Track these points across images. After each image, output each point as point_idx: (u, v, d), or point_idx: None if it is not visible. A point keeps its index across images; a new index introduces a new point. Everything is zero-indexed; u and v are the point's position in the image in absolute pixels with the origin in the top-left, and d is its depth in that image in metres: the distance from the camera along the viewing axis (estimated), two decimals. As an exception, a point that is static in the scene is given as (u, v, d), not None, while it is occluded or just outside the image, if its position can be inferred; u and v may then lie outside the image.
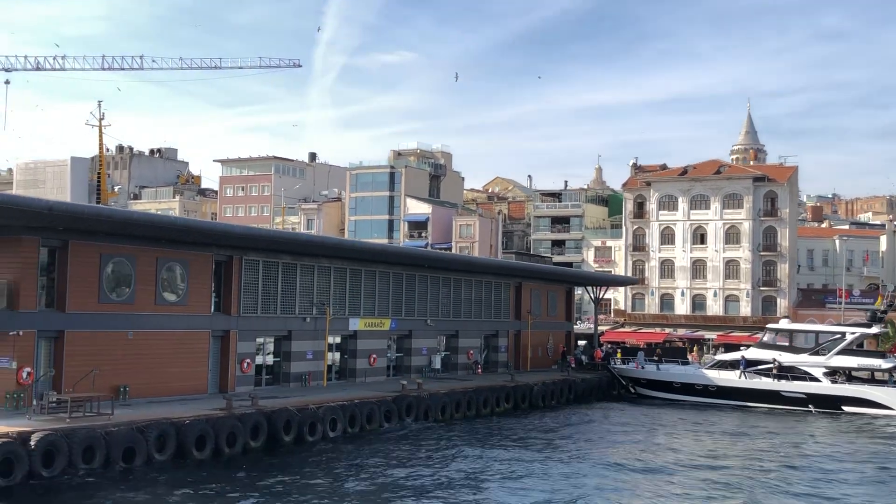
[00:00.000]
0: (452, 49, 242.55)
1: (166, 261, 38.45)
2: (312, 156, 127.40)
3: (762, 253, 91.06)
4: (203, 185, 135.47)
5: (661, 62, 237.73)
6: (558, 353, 68.18)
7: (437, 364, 55.01)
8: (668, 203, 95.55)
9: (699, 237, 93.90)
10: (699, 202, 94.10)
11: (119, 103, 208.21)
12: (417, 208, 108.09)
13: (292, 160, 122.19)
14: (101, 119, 66.92)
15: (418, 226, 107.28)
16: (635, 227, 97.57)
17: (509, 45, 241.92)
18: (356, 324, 48.84)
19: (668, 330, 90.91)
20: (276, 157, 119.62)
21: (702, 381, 57.90)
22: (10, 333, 32.75)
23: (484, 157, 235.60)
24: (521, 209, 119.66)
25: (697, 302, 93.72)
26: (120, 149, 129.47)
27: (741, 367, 58.99)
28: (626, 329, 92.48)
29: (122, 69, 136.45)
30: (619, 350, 69.78)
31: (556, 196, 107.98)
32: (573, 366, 64.30)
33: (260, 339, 43.76)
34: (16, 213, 30.38)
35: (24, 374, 32.85)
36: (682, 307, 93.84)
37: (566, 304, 70.52)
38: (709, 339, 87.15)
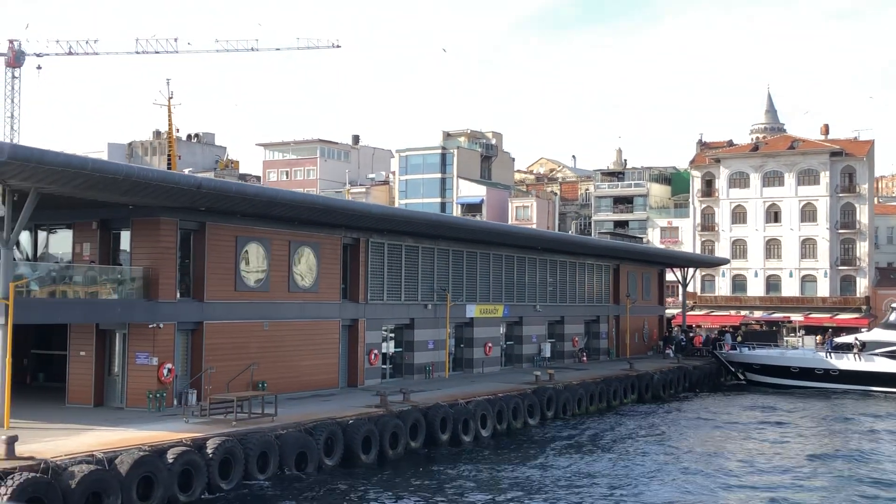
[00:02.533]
0: (459, 35, 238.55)
1: (298, 244, 35.16)
2: (356, 138, 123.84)
3: (840, 231, 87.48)
4: (241, 170, 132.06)
5: (670, 43, 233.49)
6: (653, 339, 64.95)
7: (547, 352, 51.72)
8: (740, 180, 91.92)
9: (773, 215, 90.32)
10: (772, 179, 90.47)
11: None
12: (470, 190, 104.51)
13: (337, 143, 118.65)
14: (169, 98, 63.52)
15: (472, 208, 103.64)
16: (704, 205, 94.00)
17: (518, 27, 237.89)
18: (472, 310, 45.53)
19: (743, 312, 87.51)
20: (320, 140, 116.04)
21: (823, 366, 54.51)
22: (150, 326, 29.49)
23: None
24: (573, 190, 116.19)
25: (772, 283, 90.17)
26: (157, 134, 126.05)
27: (827, 347, 56.55)
28: (697, 312, 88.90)
29: (157, 52, 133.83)
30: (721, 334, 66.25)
31: (615, 175, 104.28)
32: (669, 352, 61.19)
33: (384, 328, 40.50)
34: (165, 191, 27.09)
35: (165, 371, 29.61)
36: (755, 288, 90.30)
37: (659, 287, 67.17)
38: (791, 321, 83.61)
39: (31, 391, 35.19)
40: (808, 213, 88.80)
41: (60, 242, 32.27)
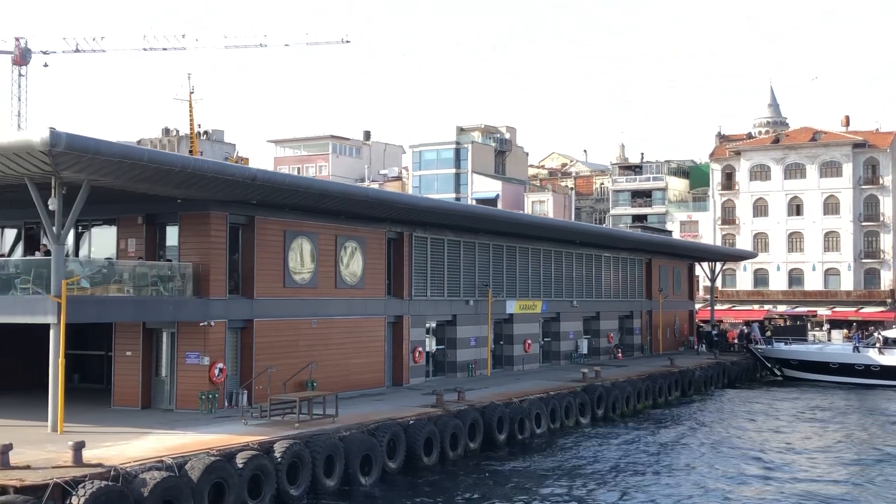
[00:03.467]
0: (453, 33, 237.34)
1: (345, 239, 34.01)
2: (367, 134, 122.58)
3: (864, 223, 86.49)
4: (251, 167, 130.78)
5: (666, 37, 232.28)
6: (684, 334, 63.89)
7: (584, 349, 50.60)
8: (761, 173, 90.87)
9: (795, 208, 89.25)
10: (794, 171, 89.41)
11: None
12: (485, 186, 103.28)
13: (348, 139, 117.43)
14: (191, 92, 62.24)
15: (487, 203, 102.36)
16: (724, 199, 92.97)
17: (521, 23, 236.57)
18: (512, 306, 44.38)
19: (766, 307, 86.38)
20: (332, 136, 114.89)
21: (863, 362, 53.38)
22: (201, 324, 28.31)
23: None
24: (587, 184, 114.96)
25: (794, 276, 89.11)
26: (166, 131, 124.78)
27: (854, 341, 56.32)
28: (719, 307, 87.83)
29: (165, 49, 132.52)
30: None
31: (633, 169, 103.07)
32: (701, 347, 60.53)
33: (427, 326, 39.37)
34: (219, 183, 25.91)
35: (217, 372, 28.45)
36: (777, 282, 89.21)
37: (689, 282, 66.08)
38: (817, 315, 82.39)
39: (68, 393, 33.85)
40: (830, 206, 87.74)
41: (102, 238, 31.07)
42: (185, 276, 28.19)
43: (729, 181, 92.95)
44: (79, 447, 19.34)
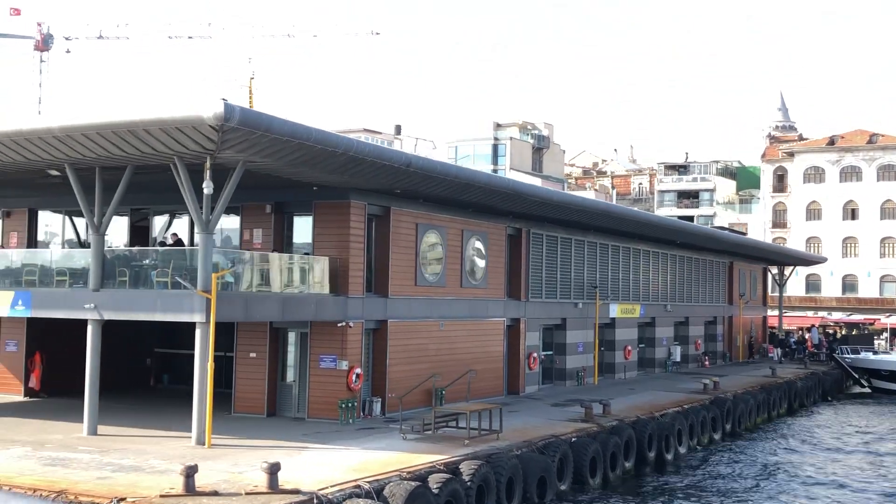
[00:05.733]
0: (453, 33, 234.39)
1: (471, 234, 31.23)
2: (398, 128, 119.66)
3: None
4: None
5: (666, 37, 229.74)
6: (759, 342, 61.24)
7: (677, 356, 47.87)
8: (814, 175, 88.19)
9: (850, 212, 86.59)
10: (850, 174, 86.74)
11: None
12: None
13: (380, 132, 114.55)
14: (251, 78, 59.44)
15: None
16: (775, 201, 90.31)
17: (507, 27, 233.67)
18: (614, 310, 41.60)
19: (820, 314, 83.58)
20: (365, 130, 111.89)
21: (965, 374, 50.82)
22: (339, 325, 25.49)
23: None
24: (625, 183, 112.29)
25: (848, 283, 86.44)
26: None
27: None
28: (771, 313, 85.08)
29: (190, 38, 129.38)
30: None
31: (677, 169, 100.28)
32: (774, 356, 58.03)
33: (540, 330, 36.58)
34: (375, 168, 23.12)
35: (354, 378, 25.62)
36: (830, 289, 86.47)
37: (763, 286, 63.40)
38: (876, 323, 79.57)
39: (163, 396, 31.37)
40: (888, 211, 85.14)
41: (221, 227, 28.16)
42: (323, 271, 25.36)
43: (781, 183, 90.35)
44: (274, 470, 16.51)
